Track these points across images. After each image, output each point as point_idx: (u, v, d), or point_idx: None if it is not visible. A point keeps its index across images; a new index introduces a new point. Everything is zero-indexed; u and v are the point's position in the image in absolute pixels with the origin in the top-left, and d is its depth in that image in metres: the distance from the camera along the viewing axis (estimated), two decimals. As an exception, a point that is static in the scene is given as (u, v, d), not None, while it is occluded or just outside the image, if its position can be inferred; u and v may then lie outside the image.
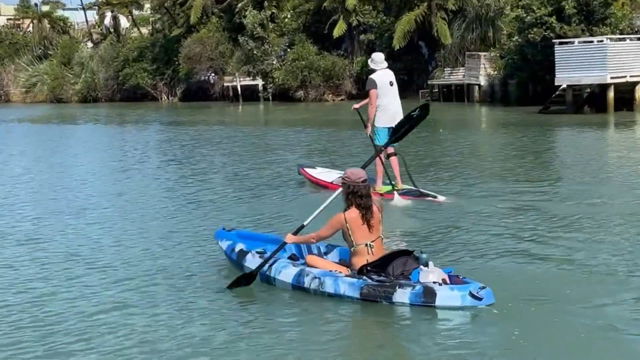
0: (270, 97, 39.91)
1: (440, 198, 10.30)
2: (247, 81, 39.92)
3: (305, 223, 6.70)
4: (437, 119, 26.49)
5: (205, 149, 18.77)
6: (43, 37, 55.60)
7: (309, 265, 6.46)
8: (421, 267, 5.97)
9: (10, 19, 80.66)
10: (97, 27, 55.77)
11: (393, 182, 10.76)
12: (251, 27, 38.82)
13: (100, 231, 8.99)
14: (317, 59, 36.67)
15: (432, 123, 23.83)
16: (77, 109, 43.78)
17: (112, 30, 52.48)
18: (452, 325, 5.47)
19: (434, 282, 5.82)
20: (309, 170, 12.04)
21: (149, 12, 56.41)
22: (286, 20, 39.80)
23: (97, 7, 52.54)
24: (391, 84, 10.81)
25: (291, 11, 39.48)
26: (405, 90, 36.01)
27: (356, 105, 11.28)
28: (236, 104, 39.91)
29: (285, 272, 6.38)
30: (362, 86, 36.30)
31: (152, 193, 11.91)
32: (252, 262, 6.65)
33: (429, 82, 33.66)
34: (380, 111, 10.76)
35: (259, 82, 39.85)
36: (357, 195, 6.26)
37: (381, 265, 6.16)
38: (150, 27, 50.96)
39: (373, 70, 10.87)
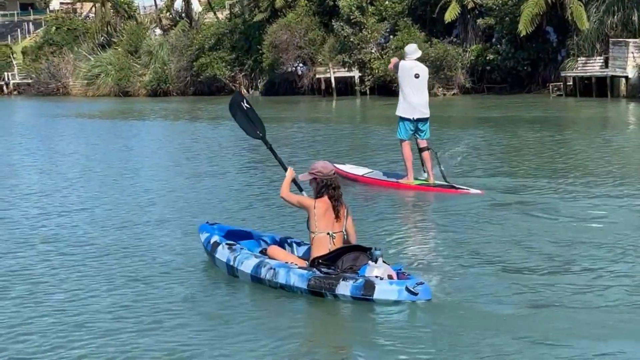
0: (368, 91, 38.81)
1: (473, 191, 11.52)
2: (342, 72, 38.81)
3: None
4: (570, 117, 25.15)
5: (289, 148, 18.68)
6: (106, 22, 55.39)
7: (269, 257, 7.40)
8: (369, 262, 6.83)
9: (65, 3, 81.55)
10: (165, 11, 55.34)
11: (426, 176, 12.28)
12: (347, 11, 37.64)
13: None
14: (425, 47, 35.26)
15: (562, 122, 22.86)
16: (146, 103, 43.78)
17: (183, 15, 51.98)
18: (393, 319, 6.37)
19: (376, 277, 6.68)
20: (339, 166, 12.92)
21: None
22: (387, 3, 38.51)
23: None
24: (417, 76, 12.03)
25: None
26: (529, 82, 34.50)
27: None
28: (329, 99, 38.87)
29: (247, 263, 7.33)
30: (478, 79, 35.30)
31: (233, 203, 11.74)
32: (222, 253, 7.64)
33: (562, 74, 31.94)
34: (403, 100, 12.10)
35: (356, 73, 38.76)
36: (330, 188, 7.23)
37: (332, 258, 7.04)
38: (227, 12, 50.20)
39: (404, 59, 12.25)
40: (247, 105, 8.20)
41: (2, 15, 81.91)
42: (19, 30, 75.03)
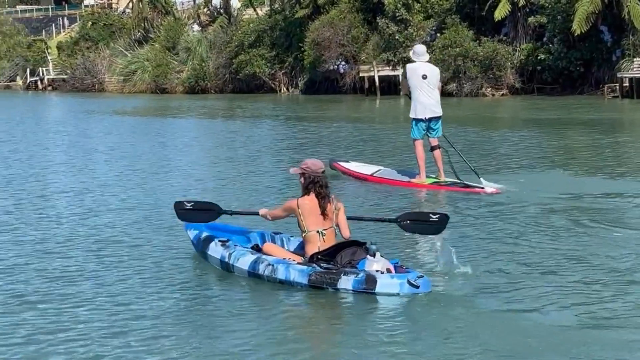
0: (413, 90, 38.52)
1: (489, 189, 11.96)
2: (386, 71, 38.74)
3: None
4: (627, 119, 24.88)
5: (331, 148, 18.80)
6: (143, 18, 55.83)
7: (265, 253, 7.71)
8: (368, 256, 7.23)
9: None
10: (203, 7, 55.67)
11: (436, 175, 12.86)
12: (392, 8, 37.56)
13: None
14: (474, 45, 35.11)
15: (618, 124, 22.66)
16: (183, 100, 44.18)
17: (222, 11, 52.25)
18: (392, 311, 6.75)
19: (377, 271, 7.05)
20: (344, 164, 14.00)
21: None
22: (433, 0, 38.37)
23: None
24: (424, 77, 12.55)
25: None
26: (582, 83, 34.17)
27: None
28: (372, 98, 38.85)
29: (243, 259, 7.63)
30: (528, 79, 35.05)
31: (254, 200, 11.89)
32: (214, 250, 7.94)
33: (619, 74, 31.60)
34: (414, 102, 12.66)
35: (400, 72, 38.50)
36: (317, 185, 7.57)
37: (331, 254, 7.40)
38: (267, 8, 50.36)
39: (412, 62, 12.91)
40: (189, 205, 8.28)
41: (37, 9, 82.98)
42: (53, 25, 76.09)
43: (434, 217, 8.05)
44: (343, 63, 41.52)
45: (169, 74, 51.34)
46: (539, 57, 34.56)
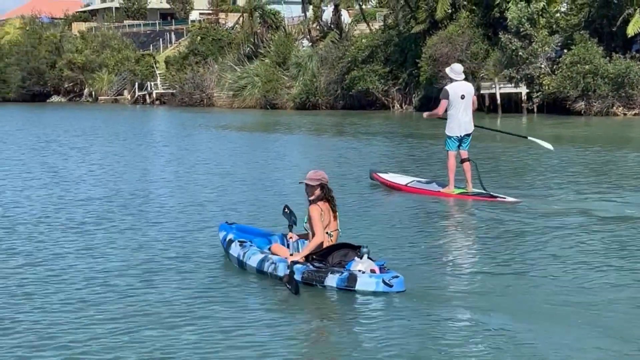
0: (536, 109, 37.39)
1: (510, 199, 13.23)
2: (508, 88, 37.60)
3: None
4: None
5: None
6: (253, 33, 55.86)
7: (272, 253, 8.89)
8: (355, 258, 8.19)
9: (205, 14, 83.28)
10: (312, 22, 55.39)
11: (465, 186, 14.02)
12: (516, 23, 36.42)
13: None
14: (604, 62, 33.68)
15: None
16: (292, 116, 44.03)
17: (332, 26, 51.84)
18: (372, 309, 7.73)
19: (359, 271, 8.03)
20: (382, 175, 15.46)
21: (369, 5, 55.60)
22: (558, 15, 37.10)
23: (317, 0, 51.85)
24: (463, 97, 13.68)
25: (567, 3, 36.71)
26: None
27: (425, 115, 15.08)
28: (492, 115, 37.77)
29: (253, 258, 8.82)
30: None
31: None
32: (234, 249, 9.14)
33: None
34: (451, 121, 13.81)
35: (523, 89, 37.43)
36: (328, 190, 8.69)
37: (325, 254, 8.43)
38: (380, 23, 49.77)
39: (450, 80, 13.96)
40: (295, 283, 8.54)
41: (144, 24, 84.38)
42: (160, 40, 77.14)
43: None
44: (461, 80, 40.51)
45: (279, 89, 51.22)
46: (674, 75, 33.04)
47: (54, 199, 14.89)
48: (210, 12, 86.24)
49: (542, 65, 36.98)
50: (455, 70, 13.98)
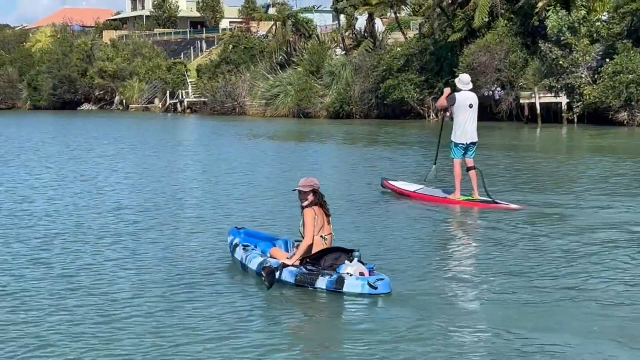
0: (576, 119, 36.81)
1: (513, 206, 13.79)
2: (548, 98, 37.08)
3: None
4: None
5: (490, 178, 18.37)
6: (286, 41, 55.61)
7: (271, 256, 9.30)
8: (346, 261, 8.63)
9: (235, 22, 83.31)
10: (345, 31, 55.09)
11: (471, 193, 14.54)
12: (556, 32, 35.89)
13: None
14: (647, 72, 33.18)
15: None
16: (326, 125, 43.88)
17: (366, 34, 51.50)
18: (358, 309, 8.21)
19: (347, 274, 8.46)
20: (392, 182, 16.17)
21: (404, 13, 55.24)
22: (598, 23, 36.50)
23: (352, 8, 51.46)
24: (470, 106, 14.36)
25: (609, 12, 36.11)
26: None
27: (437, 104, 15.88)
28: (532, 126, 37.26)
29: (254, 261, 9.28)
30: None
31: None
32: (238, 253, 9.68)
33: None
34: (457, 128, 14.43)
35: (563, 99, 36.88)
36: (320, 195, 9.17)
37: (317, 257, 8.88)
38: (415, 32, 49.36)
39: (458, 90, 14.46)
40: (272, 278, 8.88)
41: (175, 33, 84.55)
42: (191, 48, 77.19)
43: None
44: (498, 89, 40.03)
45: (312, 98, 50.87)
46: None
47: (82, 208, 15.11)
48: (241, 20, 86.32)
49: (583, 75, 36.39)
50: (462, 80, 14.55)
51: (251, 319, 7.87)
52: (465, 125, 14.33)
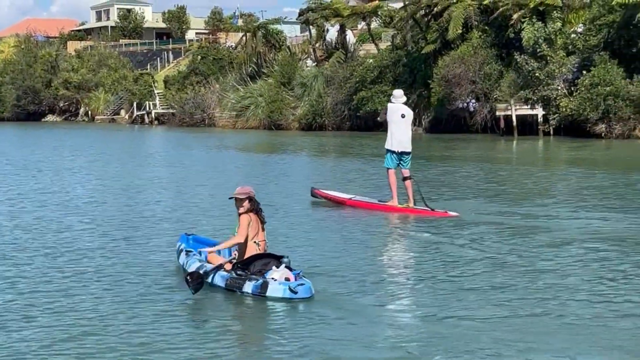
0: (552, 131, 36.55)
1: (451, 213, 14.26)
2: (524, 110, 36.81)
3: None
4: None
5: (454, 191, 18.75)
6: (256, 52, 54.94)
7: (208, 262, 9.75)
8: (273, 267, 9.13)
9: (202, 33, 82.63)
10: (315, 42, 54.60)
11: (407, 201, 15.11)
12: (531, 43, 35.69)
13: None
14: (625, 84, 32.93)
15: None
16: (298, 137, 43.10)
17: (337, 46, 51.02)
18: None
19: (272, 279, 8.96)
20: (324, 190, 16.61)
21: (375, 24, 54.92)
22: (574, 35, 36.39)
23: (322, 19, 50.98)
24: (403, 116, 15.18)
25: (585, 24, 36.05)
26: None
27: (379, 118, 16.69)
28: (508, 138, 36.95)
29: (192, 265, 9.70)
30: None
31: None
32: (181, 258, 10.24)
33: None
34: (390, 137, 15.13)
35: (539, 111, 36.64)
36: (256, 203, 9.67)
37: (248, 263, 9.34)
38: (388, 43, 49.01)
39: (391, 103, 15.51)
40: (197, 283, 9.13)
41: (141, 43, 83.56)
42: (158, 59, 76.20)
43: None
44: (473, 101, 39.73)
45: (284, 109, 50.22)
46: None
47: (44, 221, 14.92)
48: (208, 31, 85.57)
49: (559, 87, 36.19)
50: (395, 95, 15.54)
51: (177, 325, 8.12)
52: (398, 134, 15.06)
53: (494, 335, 7.71)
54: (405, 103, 15.76)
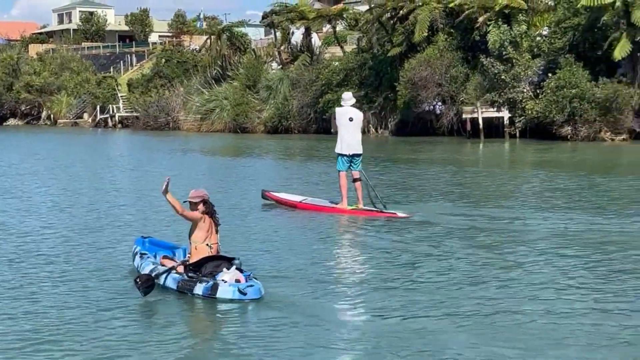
0: (518, 133, 36.58)
1: (401, 214, 14.47)
2: (490, 112, 36.80)
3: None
4: None
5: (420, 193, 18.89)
6: (221, 55, 54.51)
7: (161, 264, 9.91)
8: (224, 269, 9.20)
9: (165, 36, 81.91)
10: (280, 45, 54.29)
11: (356, 203, 15.25)
12: (497, 46, 35.72)
13: None
14: (590, 86, 33.04)
15: None
16: (264, 140, 42.76)
17: (303, 49, 50.77)
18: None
19: (222, 280, 9.02)
20: (275, 193, 16.62)
21: (340, 27, 54.73)
22: (539, 38, 36.50)
23: (288, 22, 50.74)
24: (351, 119, 15.21)
25: (550, 27, 36.15)
26: None
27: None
28: (474, 140, 36.93)
29: (146, 268, 9.76)
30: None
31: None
32: (136, 261, 10.26)
33: None
34: (340, 141, 15.17)
35: (505, 114, 36.66)
36: (211, 205, 9.69)
37: (200, 265, 9.40)
38: (353, 46, 48.86)
39: (340, 106, 15.71)
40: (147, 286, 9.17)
41: (104, 46, 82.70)
42: (121, 62, 75.41)
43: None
44: (439, 103, 39.66)
45: (249, 112, 49.82)
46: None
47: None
48: (171, 34, 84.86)
49: (525, 90, 36.25)
50: (344, 97, 15.68)
51: (129, 328, 8.13)
52: (347, 137, 15.08)
53: (449, 334, 7.73)
54: (354, 105, 15.73)
